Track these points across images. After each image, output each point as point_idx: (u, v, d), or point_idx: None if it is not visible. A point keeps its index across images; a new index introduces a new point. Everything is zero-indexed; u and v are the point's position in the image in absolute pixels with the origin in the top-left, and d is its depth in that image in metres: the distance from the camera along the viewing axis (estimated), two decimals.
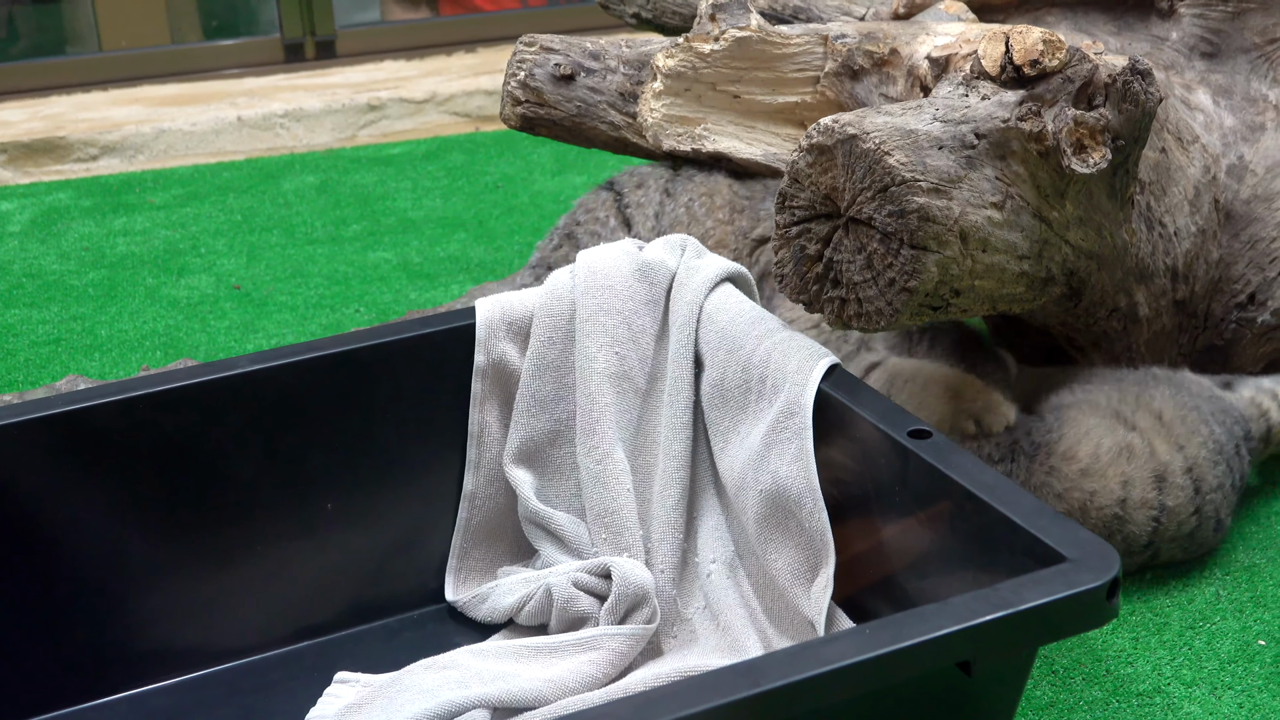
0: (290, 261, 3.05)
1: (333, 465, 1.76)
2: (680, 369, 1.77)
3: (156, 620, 1.69)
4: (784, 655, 1.19)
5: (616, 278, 1.80)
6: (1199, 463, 1.86)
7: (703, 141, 2.07)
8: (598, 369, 1.78)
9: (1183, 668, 1.70)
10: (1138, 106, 1.73)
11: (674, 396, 1.78)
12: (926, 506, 1.47)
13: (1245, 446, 1.94)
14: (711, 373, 1.74)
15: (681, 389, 1.77)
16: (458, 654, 1.66)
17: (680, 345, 1.77)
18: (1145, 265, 1.95)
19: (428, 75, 4.22)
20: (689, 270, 1.81)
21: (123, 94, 4.11)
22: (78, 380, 2.17)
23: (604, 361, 1.78)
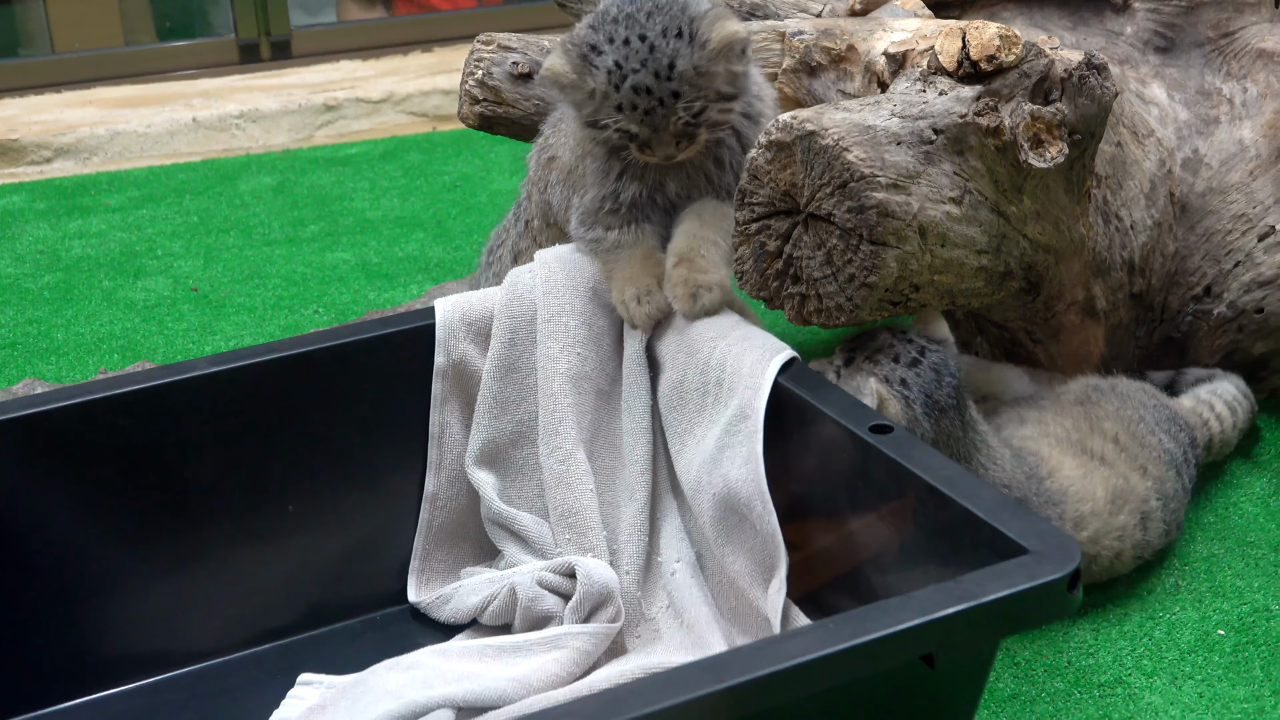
0: (248, 263, 3.04)
1: (293, 467, 1.76)
2: (637, 373, 1.78)
3: (117, 624, 1.69)
4: (747, 650, 1.20)
5: (578, 277, 1.80)
6: (1163, 479, 1.87)
7: None
8: (560, 370, 1.78)
9: (1143, 658, 1.72)
10: (1094, 101, 1.75)
11: (632, 400, 1.78)
12: (888, 501, 1.48)
13: (1192, 453, 1.96)
14: (670, 374, 1.74)
15: (639, 393, 1.78)
16: (421, 654, 1.66)
17: (635, 348, 1.78)
18: (1102, 259, 1.97)
19: (384, 75, 4.21)
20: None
21: (76, 96, 4.09)
22: (34, 384, 2.16)
23: (566, 362, 1.78)
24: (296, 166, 3.71)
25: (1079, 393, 1.95)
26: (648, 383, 1.77)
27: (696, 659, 1.63)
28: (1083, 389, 1.96)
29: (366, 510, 1.81)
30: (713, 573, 1.70)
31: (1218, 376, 2.11)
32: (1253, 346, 2.11)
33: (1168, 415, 1.94)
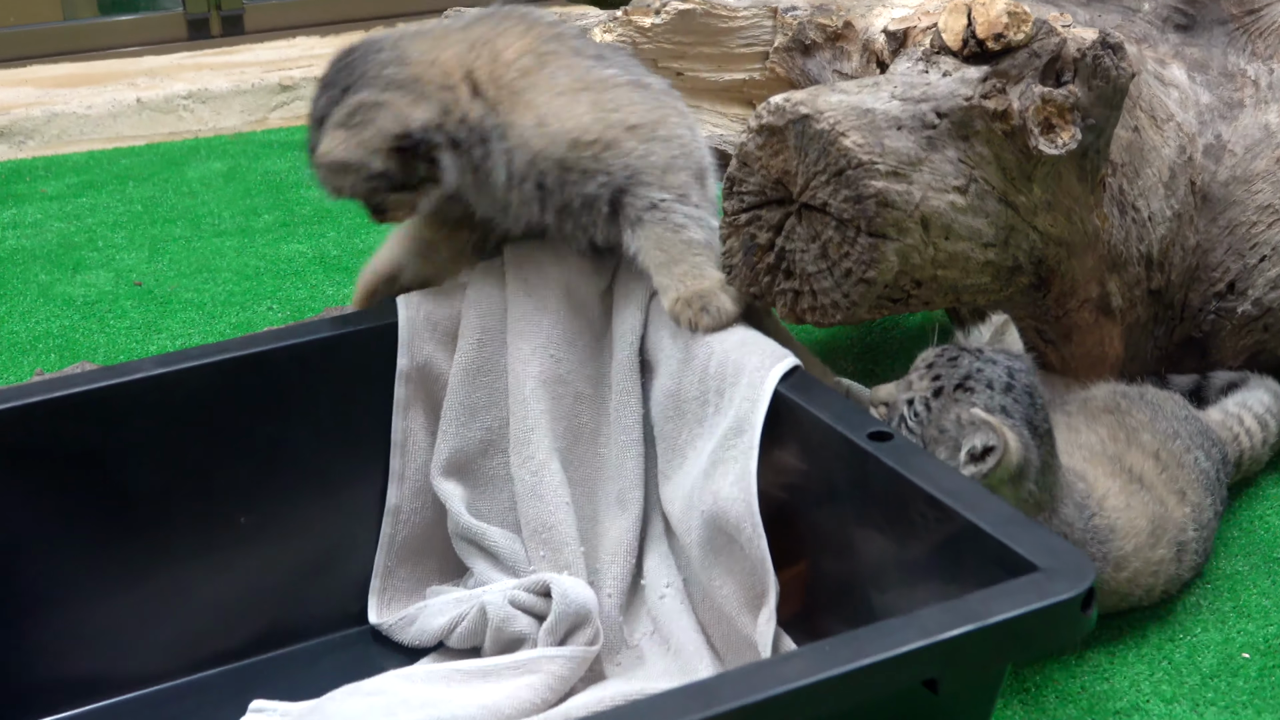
0: (196, 255, 3.04)
1: (245, 476, 1.75)
2: (628, 380, 1.77)
3: (51, 647, 1.68)
4: (738, 675, 1.19)
5: (551, 274, 1.80)
6: (1200, 506, 1.86)
7: None
8: (532, 373, 1.77)
9: (1162, 683, 1.72)
10: (1109, 83, 1.75)
11: (621, 409, 1.78)
12: (888, 513, 1.48)
13: (1224, 472, 1.96)
14: (665, 381, 1.74)
15: (629, 401, 1.77)
16: (384, 679, 1.66)
17: (626, 352, 1.77)
18: (1118, 252, 1.97)
19: None
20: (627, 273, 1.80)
21: (10, 74, 4.08)
22: None
23: (539, 365, 1.77)
24: (249, 151, 3.71)
25: (1106, 399, 1.94)
26: (639, 390, 1.77)
27: (681, 675, 1.64)
28: (1110, 395, 1.95)
29: (324, 523, 1.80)
30: (700, 600, 1.70)
31: (1249, 383, 2.10)
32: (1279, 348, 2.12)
33: (1200, 429, 1.94)
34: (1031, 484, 1.62)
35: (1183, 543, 1.82)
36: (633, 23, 2.05)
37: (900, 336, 2.53)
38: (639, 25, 2.05)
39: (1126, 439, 1.86)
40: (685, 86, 2.10)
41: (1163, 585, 1.81)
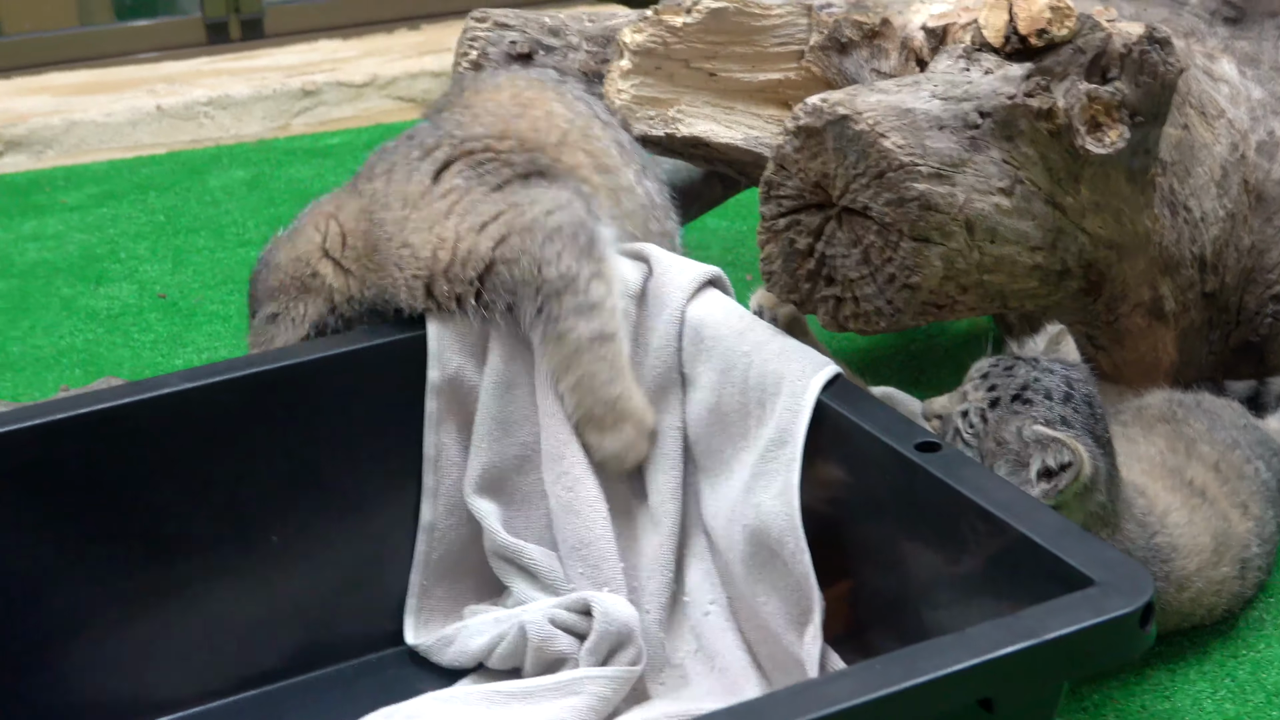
0: (220, 266, 3.04)
1: (275, 494, 1.75)
2: (662, 395, 1.77)
3: (80, 671, 1.69)
4: (786, 695, 1.19)
5: None
6: (1263, 520, 1.84)
7: (676, 125, 2.07)
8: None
9: (1225, 701, 1.71)
10: (1156, 79, 1.74)
11: (656, 423, 1.77)
12: (937, 526, 1.48)
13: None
14: (704, 394, 1.73)
15: (665, 416, 1.77)
16: (421, 701, 1.66)
17: (662, 366, 1.77)
18: (1170, 254, 1.96)
19: (367, 55, 4.22)
20: (663, 279, 1.79)
21: (28, 83, 4.09)
22: None
23: None
24: (272, 158, 3.71)
25: (1162, 409, 1.92)
26: (678, 405, 1.77)
27: (726, 694, 1.64)
28: (1165, 403, 1.93)
29: (357, 541, 1.80)
30: (745, 617, 1.69)
31: None
32: None
33: (1260, 438, 1.92)
34: (1101, 495, 1.61)
35: (1246, 559, 1.80)
36: (663, 22, 2.05)
37: (945, 344, 2.53)
38: (670, 25, 2.05)
39: (1185, 450, 1.84)
40: (718, 87, 2.10)
41: (1225, 604, 1.80)
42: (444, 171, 1.82)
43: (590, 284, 1.73)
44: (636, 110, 2.05)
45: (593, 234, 1.76)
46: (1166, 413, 1.91)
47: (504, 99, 1.90)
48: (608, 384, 1.73)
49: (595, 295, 1.73)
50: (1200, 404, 1.94)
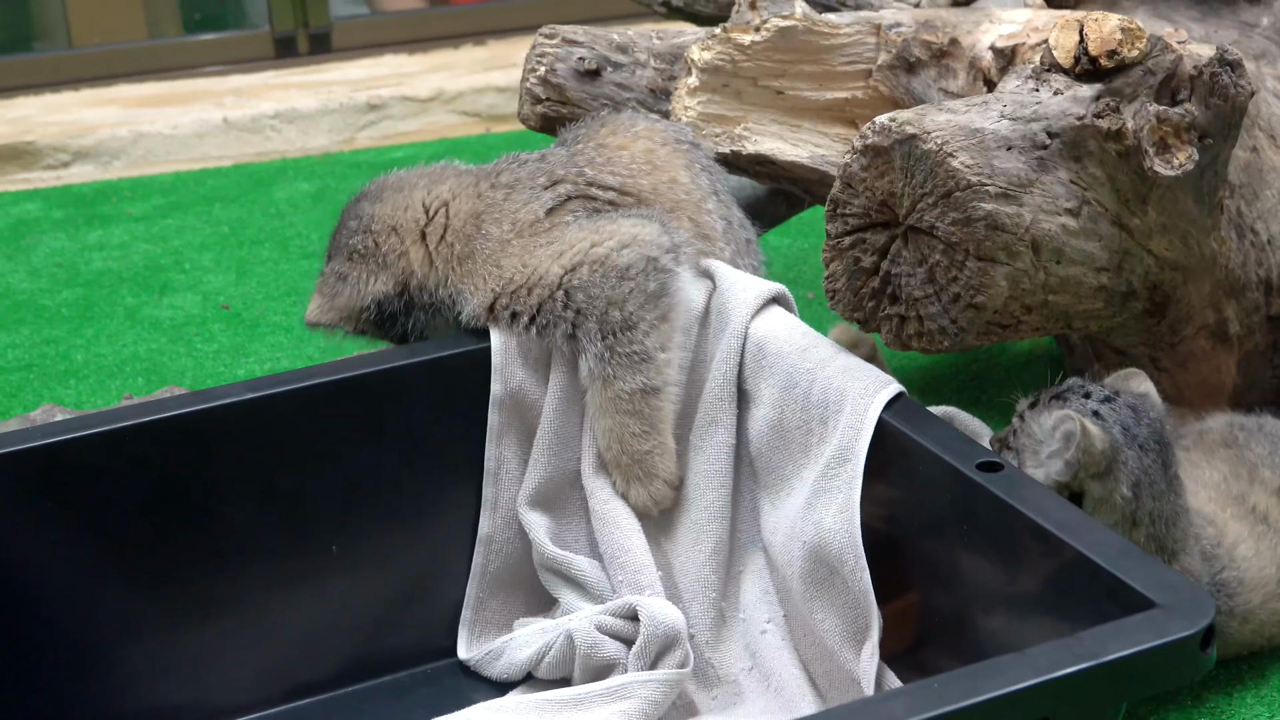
0: (284, 278, 3.06)
1: (336, 504, 1.77)
2: (717, 410, 1.77)
3: (140, 677, 1.70)
4: (843, 712, 1.19)
5: None
6: None
7: (743, 143, 2.07)
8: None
9: None
10: (1227, 101, 1.74)
11: (705, 439, 1.77)
12: (997, 545, 1.47)
13: None
14: (766, 411, 1.73)
15: (716, 433, 1.77)
16: (474, 711, 1.67)
17: (720, 383, 1.77)
18: (1236, 277, 1.95)
19: (433, 71, 4.24)
20: (727, 295, 1.80)
21: (96, 94, 4.13)
22: (54, 410, 2.18)
23: None
24: (337, 171, 3.74)
25: (1223, 433, 1.91)
26: (733, 421, 1.77)
27: (782, 712, 1.64)
28: (1226, 428, 1.92)
29: (415, 552, 1.81)
30: (802, 634, 1.69)
31: None
32: None
33: None
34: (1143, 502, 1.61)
35: None
36: (732, 40, 2.05)
37: (1006, 364, 2.52)
38: (738, 43, 2.05)
39: (1248, 476, 1.83)
40: (785, 105, 2.10)
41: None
42: (560, 208, 1.83)
43: (649, 334, 1.74)
44: (703, 127, 2.06)
45: (664, 280, 1.76)
46: (1228, 437, 1.90)
47: (637, 151, 1.91)
48: (639, 437, 1.74)
49: (650, 345, 1.74)
50: (1262, 428, 1.93)
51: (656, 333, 1.74)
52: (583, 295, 1.74)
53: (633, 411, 1.74)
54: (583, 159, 1.89)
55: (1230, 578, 1.71)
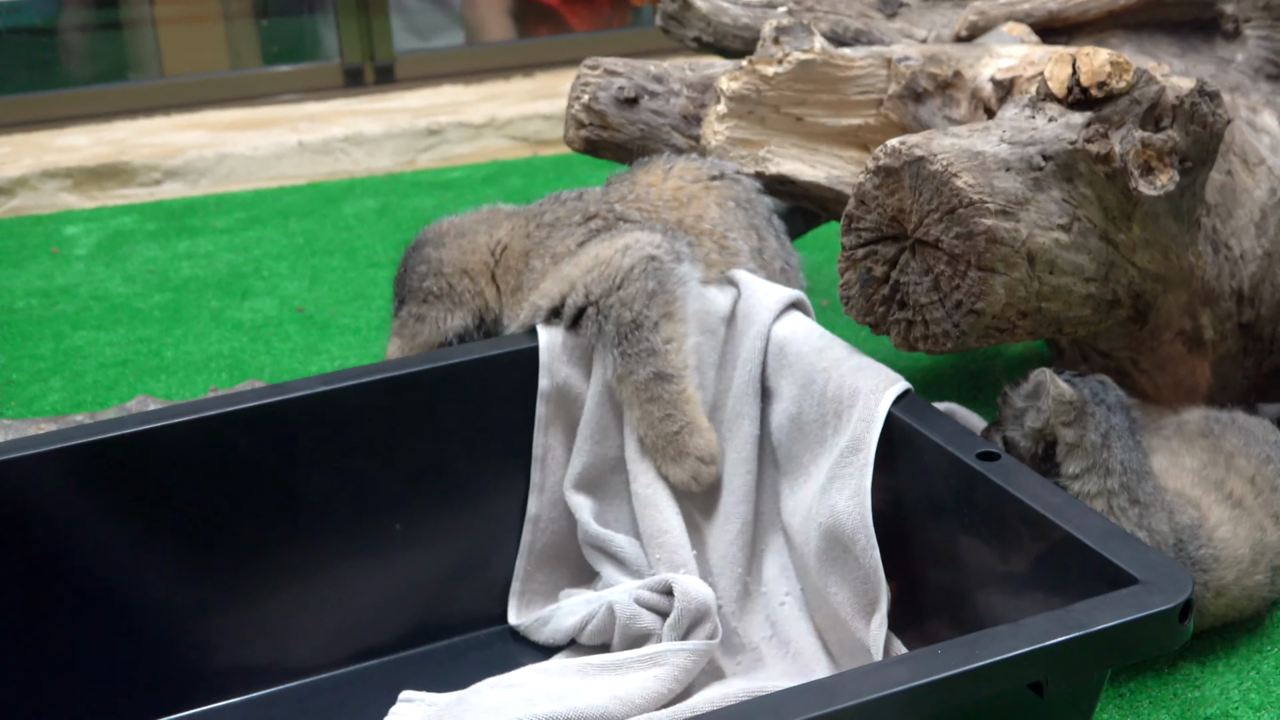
0: (352, 285, 3.07)
1: (399, 486, 1.77)
2: (743, 403, 1.77)
3: (226, 640, 1.71)
4: (856, 675, 1.19)
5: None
6: None
7: (766, 164, 2.07)
8: None
9: (1251, 692, 1.69)
10: (1205, 128, 1.73)
11: (734, 430, 1.78)
12: (994, 527, 1.47)
13: None
14: (786, 406, 1.74)
15: (742, 424, 1.77)
16: (523, 672, 1.67)
17: (745, 379, 1.77)
18: (1211, 288, 1.95)
19: (486, 100, 4.24)
20: (751, 301, 1.80)
21: (185, 119, 4.14)
22: (147, 401, 2.19)
23: None
24: (399, 190, 3.74)
25: (1200, 425, 1.91)
26: (757, 414, 1.77)
27: (799, 676, 1.64)
28: (1203, 420, 1.92)
29: (470, 530, 1.82)
30: (817, 606, 1.70)
31: None
32: None
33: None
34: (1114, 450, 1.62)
35: (1277, 566, 1.78)
36: (757, 71, 2.05)
37: (1001, 365, 2.51)
38: (762, 74, 2.05)
39: (1225, 464, 1.83)
40: (804, 131, 2.10)
41: (1255, 606, 1.78)
42: (590, 239, 1.85)
43: (655, 330, 1.75)
44: (730, 150, 2.06)
45: (662, 276, 1.77)
46: (1205, 429, 1.90)
47: (666, 189, 1.92)
48: (664, 420, 1.74)
49: (657, 340, 1.74)
50: (1234, 421, 1.92)
51: (665, 323, 1.75)
52: (599, 290, 1.76)
53: (652, 398, 1.74)
54: (614, 196, 1.91)
55: (1207, 555, 1.71)
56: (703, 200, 1.91)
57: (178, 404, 1.77)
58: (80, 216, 3.61)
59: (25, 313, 2.97)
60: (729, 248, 1.87)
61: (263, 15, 4.93)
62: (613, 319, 1.74)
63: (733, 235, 1.89)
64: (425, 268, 1.92)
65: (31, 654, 1.62)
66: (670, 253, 1.79)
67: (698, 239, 1.86)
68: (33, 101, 4.17)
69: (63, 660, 1.63)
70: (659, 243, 1.79)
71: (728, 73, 2.08)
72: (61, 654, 1.63)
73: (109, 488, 1.64)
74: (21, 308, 3.00)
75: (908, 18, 2.30)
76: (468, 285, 1.91)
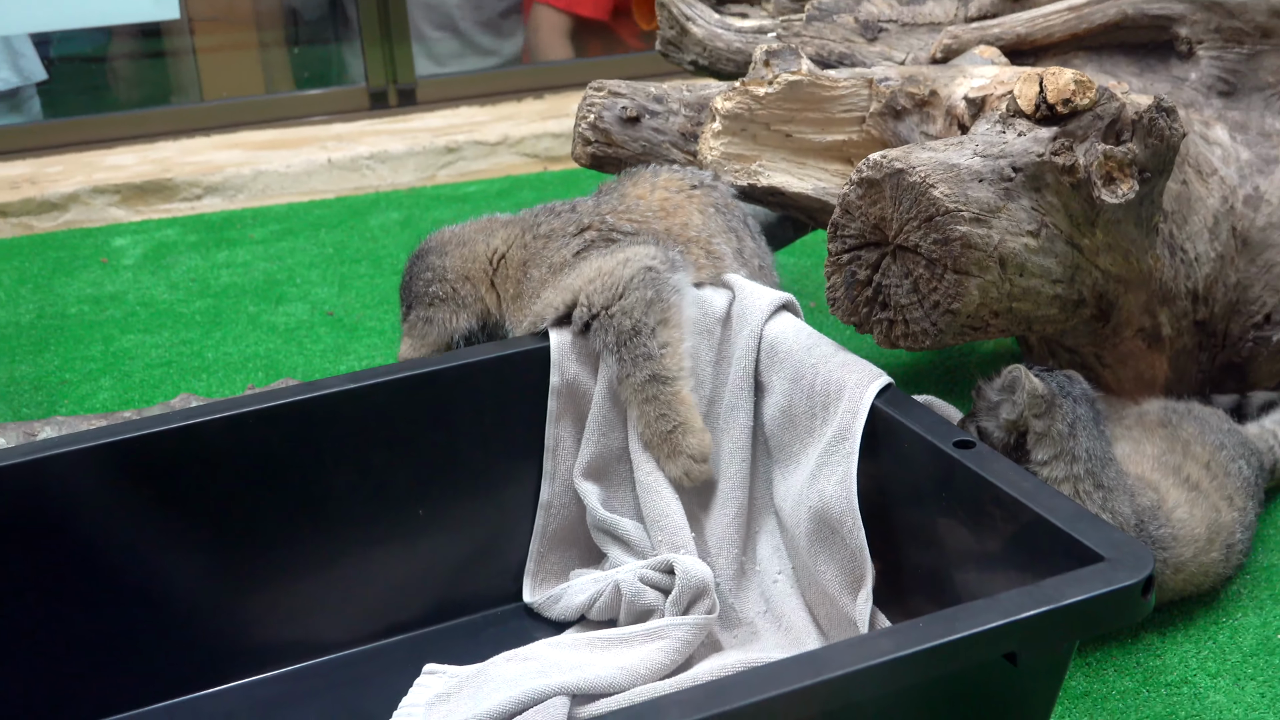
0: (378, 290, 3.06)
1: (421, 476, 1.77)
2: (738, 397, 1.77)
3: (260, 619, 1.71)
4: (844, 646, 1.19)
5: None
6: (1245, 510, 1.82)
7: (758, 177, 2.06)
8: None
9: (1208, 660, 1.68)
10: (1163, 141, 1.72)
11: (729, 422, 1.77)
12: (970, 511, 1.47)
13: (1261, 478, 1.91)
14: (778, 399, 1.73)
15: (737, 416, 1.77)
16: (536, 646, 1.66)
17: (740, 375, 1.77)
18: (1168, 289, 1.94)
19: (500, 120, 4.24)
20: (744, 303, 1.80)
21: (223, 139, 4.14)
22: (189, 398, 2.18)
23: None
24: (421, 203, 3.74)
25: (1159, 415, 1.90)
26: (751, 406, 1.76)
27: (792, 648, 1.64)
28: (1161, 410, 1.91)
29: (487, 516, 1.81)
30: (807, 585, 1.69)
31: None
32: None
33: (1241, 440, 1.90)
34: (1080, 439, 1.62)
35: (1231, 545, 1.78)
36: (749, 92, 2.04)
37: (975, 360, 2.51)
38: (754, 94, 2.04)
39: (1182, 450, 1.82)
40: (793, 146, 2.09)
41: (1210, 582, 1.78)
42: (585, 250, 1.84)
43: (653, 334, 1.74)
44: (725, 165, 2.05)
45: (659, 287, 1.76)
46: (1163, 418, 1.90)
47: (654, 200, 1.92)
48: (660, 420, 1.73)
49: (653, 346, 1.73)
50: (1190, 411, 1.92)
51: (662, 329, 1.74)
52: (601, 300, 1.75)
53: (649, 399, 1.73)
54: (605, 207, 1.90)
55: (1165, 534, 1.70)
56: (686, 209, 1.90)
57: (217, 401, 1.77)
58: (128, 229, 3.60)
59: (77, 318, 2.97)
60: (714, 252, 1.87)
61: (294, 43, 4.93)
62: (614, 326, 1.74)
63: (716, 240, 1.88)
64: (430, 274, 1.92)
65: (80, 632, 1.62)
66: (665, 262, 1.78)
67: (686, 246, 1.85)
68: (84, 124, 4.17)
69: (109, 637, 1.63)
70: (655, 254, 1.78)
71: (722, 93, 2.07)
72: (108, 631, 1.63)
73: (153, 478, 1.64)
74: (74, 313, 3.00)
75: (887, 42, 2.29)
76: (470, 290, 1.91)
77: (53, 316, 2.98)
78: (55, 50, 4.63)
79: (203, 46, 4.67)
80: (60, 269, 3.30)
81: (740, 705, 1.11)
